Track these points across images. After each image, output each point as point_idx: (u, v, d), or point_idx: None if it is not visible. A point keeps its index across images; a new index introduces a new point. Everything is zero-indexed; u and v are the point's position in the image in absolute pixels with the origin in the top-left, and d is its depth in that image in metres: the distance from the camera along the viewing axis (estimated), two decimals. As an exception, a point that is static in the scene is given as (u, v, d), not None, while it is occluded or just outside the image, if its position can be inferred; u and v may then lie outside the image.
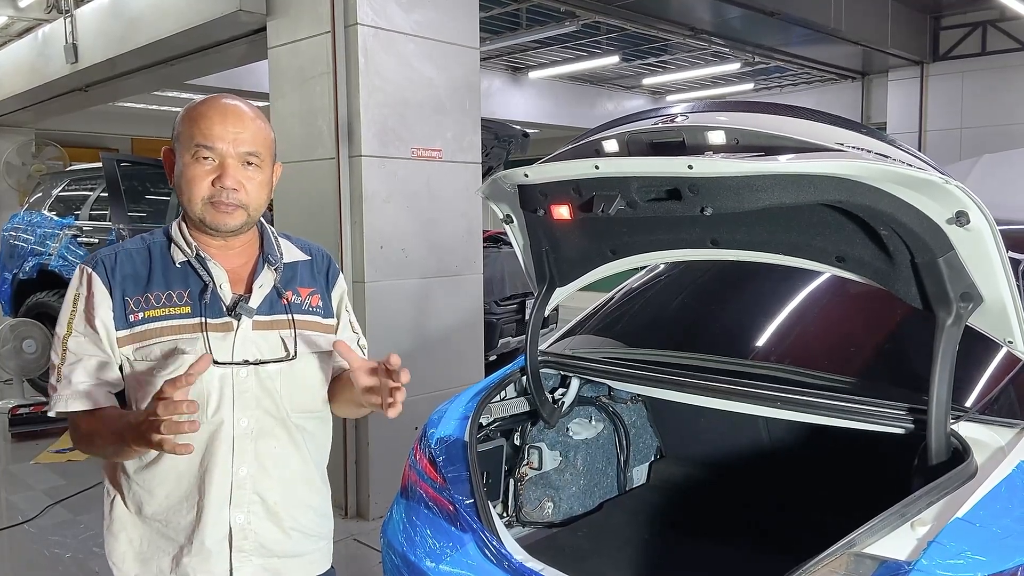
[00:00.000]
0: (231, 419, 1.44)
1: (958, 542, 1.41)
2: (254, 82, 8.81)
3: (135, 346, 1.41)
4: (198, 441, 1.39)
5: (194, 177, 1.42)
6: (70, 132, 12.27)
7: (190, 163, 1.42)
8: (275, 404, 1.48)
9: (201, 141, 1.41)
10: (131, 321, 1.41)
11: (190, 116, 1.44)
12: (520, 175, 1.90)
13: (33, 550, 3.69)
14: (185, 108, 1.47)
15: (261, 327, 1.47)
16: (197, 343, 1.41)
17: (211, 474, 1.43)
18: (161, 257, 1.47)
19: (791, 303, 2.54)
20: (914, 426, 1.73)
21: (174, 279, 1.45)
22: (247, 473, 1.45)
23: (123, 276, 1.44)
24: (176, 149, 1.45)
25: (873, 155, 1.52)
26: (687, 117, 1.78)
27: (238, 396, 1.44)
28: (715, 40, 8.87)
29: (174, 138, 1.46)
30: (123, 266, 1.45)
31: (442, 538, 2.00)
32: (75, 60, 6.50)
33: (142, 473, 1.45)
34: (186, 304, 1.43)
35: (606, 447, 2.77)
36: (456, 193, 4.26)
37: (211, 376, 1.41)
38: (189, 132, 1.42)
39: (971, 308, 1.62)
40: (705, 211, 1.63)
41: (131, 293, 1.43)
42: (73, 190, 6.86)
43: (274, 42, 4.25)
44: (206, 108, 1.44)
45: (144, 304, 1.42)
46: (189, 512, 1.44)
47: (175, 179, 1.46)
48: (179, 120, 1.46)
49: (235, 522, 1.45)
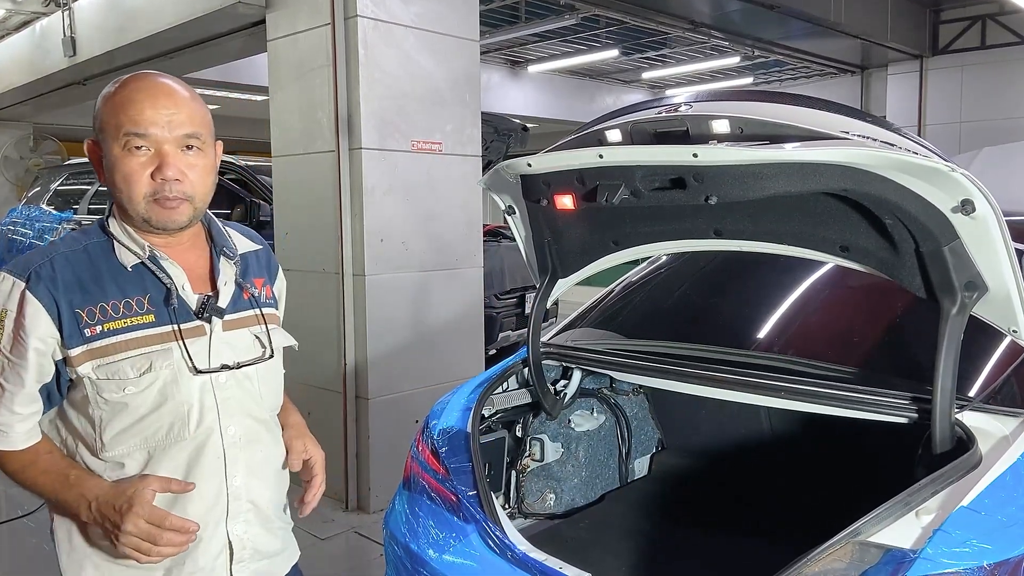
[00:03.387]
0: (218, 430, 1.33)
1: (963, 530, 1.41)
2: (252, 75, 8.79)
3: (96, 363, 1.25)
4: (179, 458, 1.31)
5: (130, 172, 1.25)
6: (68, 126, 12.21)
7: (122, 156, 1.25)
8: (258, 407, 1.40)
9: (131, 129, 1.24)
10: (87, 336, 1.24)
11: (114, 101, 1.26)
12: (523, 164, 1.90)
13: (32, 544, 3.68)
14: (105, 91, 1.28)
15: (231, 327, 1.37)
16: (172, 354, 1.29)
17: (201, 491, 1.31)
18: (106, 260, 1.30)
19: (792, 294, 2.53)
20: (918, 416, 1.72)
21: (128, 284, 1.29)
22: (241, 482, 1.37)
23: (66, 286, 1.25)
24: (101, 141, 1.27)
25: (878, 143, 1.52)
26: (691, 106, 1.77)
27: (222, 404, 1.33)
28: (715, 34, 8.86)
29: (98, 128, 1.27)
30: (63, 274, 1.25)
31: (445, 529, 1.99)
32: (73, 53, 6.48)
33: None
34: (148, 312, 1.28)
35: (608, 439, 2.77)
36: (456, 186, 4.25)
37: (190, 387, 1.30)
38: (115, 120, 1.24)
39: (976, 297, 1.62)
40: (710, 200, 1.62)
41: (80, 304, 1.25)
42: (71, 184, 6.85)
43: (273, 34, 4.23)
44: (131, 90, 1.26)
45: (101, 316, 1.25)
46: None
47: (106, 175, 1.28)
48: (100, 106, 1.27)
49: (234, 535, 1.37)
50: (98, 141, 1.29)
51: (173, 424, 1.30)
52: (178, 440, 1.30)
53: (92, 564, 1.33)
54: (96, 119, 1.28)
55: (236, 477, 1.36)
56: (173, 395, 1.29)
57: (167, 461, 1.30)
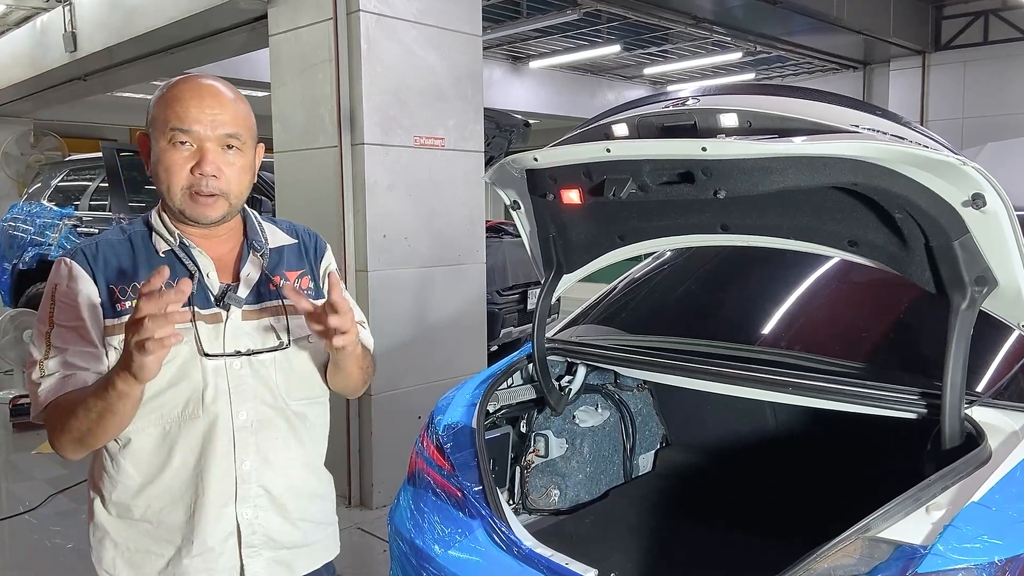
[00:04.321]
0: (228, 412, 1.38)
1: (974, 526, 1.40)
2: (254, 71, 8.77)
3: (121, 337, 1.29)
4: (193, 437, 1.37)
5: (172, 164, 1.34)
6: (68, 122, 12.22)
7: (166, 149, 1.34)
8: (272, 394, 1.44)
9: (177, 124, 1.33)
10: (118, 310, 1.35)
11: (164, 98, 1.36)
12: (529, 159, 1.89)
13: (34, 540, 3.68)
14: (159, 90, 1.40)
15: (251, 316, 1.42)
16: (189, 335, 1.35)
17: (209, 471, 1.37)
18: (144, 247, 1.41)
19: (798, 289, 2.52)
20: (927, 411, 1.72)
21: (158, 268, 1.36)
22: (251, 467, 1.41)
23: (105, 264, 1.37)
24: (151, 134, 1.37)
25: (889, 136, 1.51)
26: (698, 100, 1.76)
27: (234, 389, 1.39)
28: (717, 29, 8.84)
29: (149, 122, 1.38)
30: (105, 255, 1.38)
31: (450, 524, 1.99)
32: (74, 49, 6.46)
33: (127, 471, 1.37)
34: None
35: (612, 435, 2.77)
36: (458, 182, 4.24)
37: (204, 369, 1.37)
38: (164, 116, 1.35)
39: (986, 292, 1.61)
40: (718, 194, 1.61)
41: (116, 282, 1.36)
42: (72, 180, 6.84)
43: (275, 30, 4.22)
44: (181, 89, 1.36)
45: (132, 293, 1.35)
46: (184, 511, 1.38)
47: (151, 166, 1.38)
48: (153, 103, 1.38)
49: (243, 518, 1.41)
50: (148, 134, 1.39)
51: (188, 402, 1.37)
52: (192, 418, 1.37)
53: (111, 542, 1.42)
54: (148, 114, 1.38)
55: (245, 461, 1.40)
56: (189, 374, 1.36)
57: (181, 439, 1.37)
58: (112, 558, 1.41)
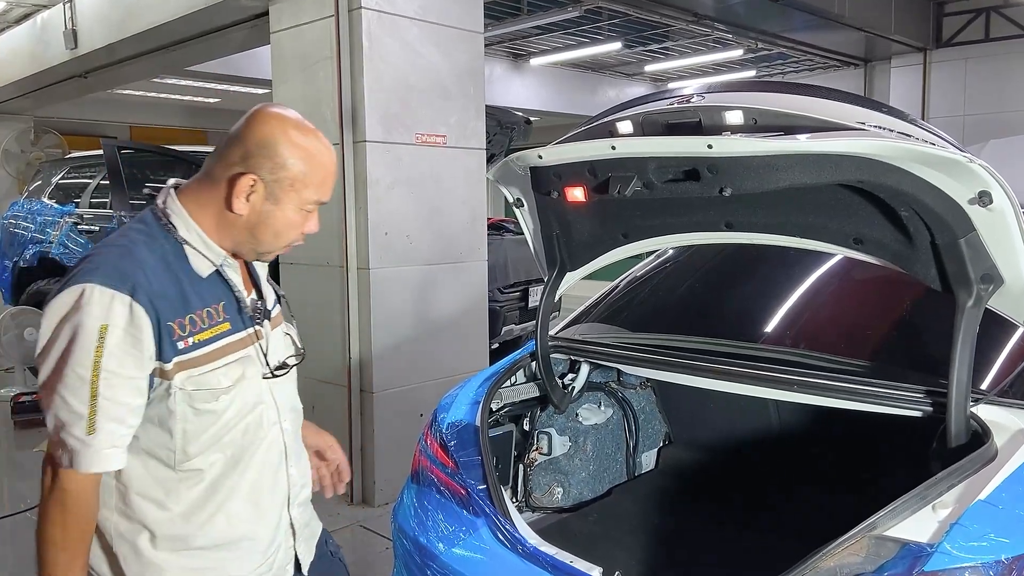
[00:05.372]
0: (279, 427, 1.42)
1: (981, 524, 1.40)
2: (254, 68, 8.76)
3: (188, 374, 1.25)
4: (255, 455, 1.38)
5: (293, 226, 1.32)
6: (69, 120, 12.20)
7: (296, 214, 1.30)
8: (297, 400, 1.51)
9: (321, 199, 1.32)
10: (180, 348, 1.24)
11: (309, 160, 1.28)
12: (534, 156, 1.88)
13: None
14: (301, 151, 1.27)
15: (274, 325, 1.45)
16: (253, 360, 1.35)
17: (268, 483, 1.41)
18: (181, 267, 1.28)
19: (802, 286, 2.52)
20: (932, 409, 1.71)
21: (206, 292, 1.30)
22: (295, 470, 1.48)
23: (159, 297, 1.23)
24: (271, 185, 1.26)
25: (895, 134, 1.50)
26: (703, 97, 1.75)
27: (279, 402, 1.42)
28: (718, 26, 8.81)
29: (270, 171, 1.26)
30: (155, 284, 1.23)
31: (454, 522, 1.99)
32: (74, 46, 6.45)
33: (189, 501, 1.32)
34: (225, 320, 1.31)
35: (615, 433, 2.76)
36: (460, 179, 4.23)
37: (261, 388, 1.37)
38: (303, 180, 1.28)
39: (992, 290, 1.61)
40: (724, 191, 1.61)
41: (171, 316, 1.23)
42: (73, 178, 6.82)
43: (276, 27, 4.21)
44: (326, 156, 1.32)
45: (191, 327, 1.25)
46: (248, 526, 1.38)
47: (256, 214, 1.28)
48: (287, 157, 1.26)
49: (295, 517, 1.48)
50: (259, 178, 1.26)
51: (249, 425, 1.36)
52: (254, 440, 1.37)
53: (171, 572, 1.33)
54: (279, 167, 1.26)
55: (292, 467, 1.46)
56: (252, 398, 1.36)
57: (243, 462, 1.36)
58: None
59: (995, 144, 3.75)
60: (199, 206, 1.29)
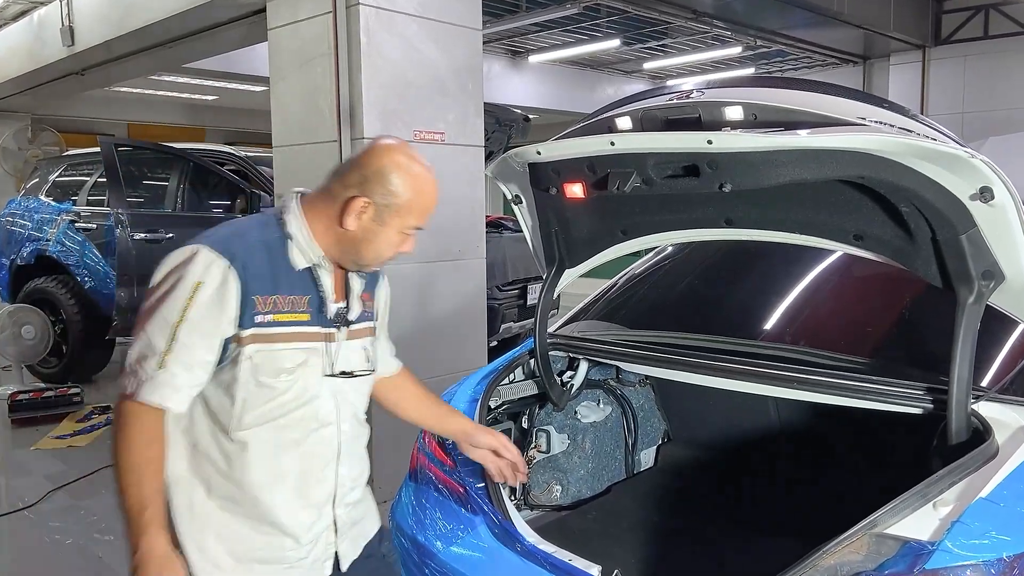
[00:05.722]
0: (336, 427, 1.51)
1: (982, 522, 1.39)
2: (252, 65, 8.74)
3: (258, 347, 1.38)
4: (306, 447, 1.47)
5: (391, 245, 1.46)
6: (66, 117, 12.18)
7: (397, 236, 1.45)
8: (361, 410, 1.60)
9: (420, 225, 1.46)
10: (257, 322, 1.38)
11: (416, 191, 1.43)
12: (533, 152, 1.87)
13: (34, 536, 3.66)
14: (411, 182, 1.43)
15: (352, 336, 1.53)
16: (318, 354, 1.46)
17: (316, 477, 1.49)
18: (281, 256, 1.43)
19: (801, 283, 2.51)
20: (933, 406, 1.70)
21: (296, 283, 1.44)
22: (346, 472, 1.55)
23: (252, 272, 1.38)
24: (381, 208, 1.42)
25: (896, 129, 1.49)
26: (703, 93, 1.74)
27: (341, 405, 1.51)
28: (717, 23, 8.81)
29: (382, 196, 1.41)
30: (253, 261, 1.39)
31: (452, 520, 1.98)
32: (71, 43, 6.43)
33: (241, 470, 1.43)
34: (306, 312, 1.44)
35: (614, 430, 2.76)
36: (459, 177, 4.22)
37: (323, 385, 1.47)
38: (408, 206, 1.43)
39: (993, 286, 1.60)
40: (724, 187, 1.60)
41: (258, 291, 1.38)
42: (70, 175, 6.80)
43: (274, 23, 4.20)
44: (431, 188, 1.46)
45: (272, 307, 1.39)
46: (288, 511, 1.47)
47: (363, 231, 1.43)
48: (399, 186, 1.41)
49: (338, 515, 1.56)
50: (370, 200, 1.41)
51: (304, 415, 1.46)
52: (306, 431, 1.47)
53: (214, 533, 1.45)
54: (380, 186, 1.41)
55: (343, 467, 1.54)
56: (312, 389, 1.46)
57: (293, 449, 1.45)
58: (216, 549, 1.45)
59: (994, 141, 3.74)
60: (314, 213, 1.45)
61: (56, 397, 5.56)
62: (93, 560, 3.39)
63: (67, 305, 6.12)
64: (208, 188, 6.08)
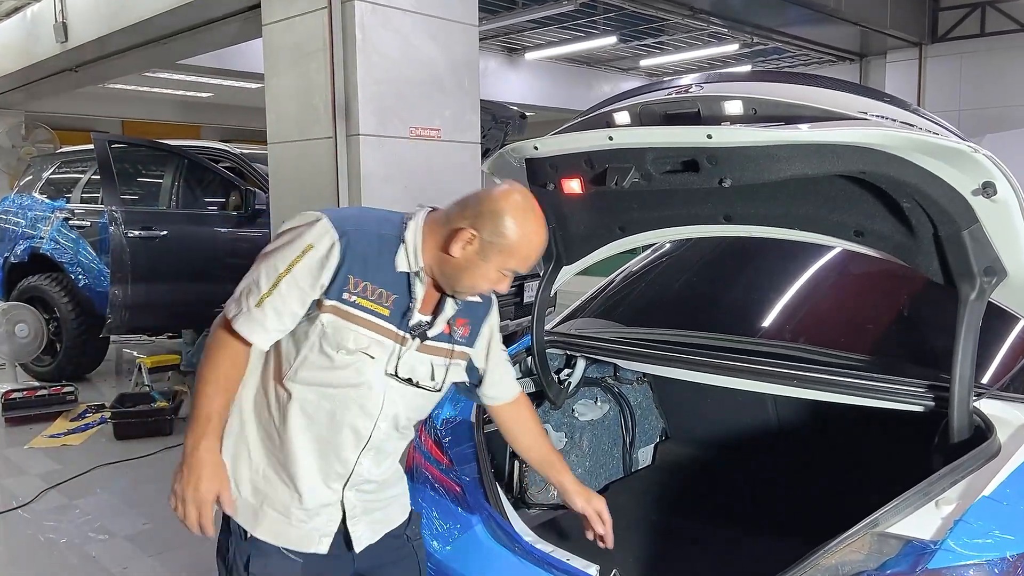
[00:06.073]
0: (374, 421, 1.56)
1: (985, 521, 1.37)
2: (247, 62, 8.70)
3: (333, 318, 1.49)
4: (339, 423, 1.54)
5: (486, 281, 1.52)
6: (60, 114, 12.13)
7: (495, 273, 1.51)
8: (407, 419, 1.63)
9: (518, 270, 1.52)
10: (343, 298, 1.49)
11: (525, 238, 1.49)
12: (530, 147, 1.85)
13: (28, 535, 3.64)
14: (521, 229, 1.48)
15: (424, 350, 1.58)
16: (385, 350, 1.52)
17: (336, 454, 1.56)
18: (388, 254, 1.52)
19: (800, 279, 2.49)
20: (934, 404, 1.69)
21: (390, 281, 1.52)
22: (367, 466, 1.60)
23: (355, 255, 1.48)
24: (485, 244, 1.48)
25: (897, 123, 1.48)
26: (702, 87, 1.72)
27: (387, 405, 1.56)
28: (713, 20, 8.80)
29: (490, 234, 1.47)
30: (361, 245, 1.49)
31: (449, 519, 1.96)
32: (65, 39, 6.39)
33: (282, 417, 1.54)
34: (387, 308, 1.52)
35: (611, 428, 2.74)
36: (455, 173, 4.20)
37: (376, 380, 1.53)
38: (512, 250, 1.48)
39: (995, 282, 1.58)
40: (724, 182, 1.58)
41: (353, 271, 1.48)
42: (64, 172, 6.76)
43: (268, 19, 4.17)
44: (539, 240, 1.51)
45: (360, 290, 1.49)
46: (305, 470, 1.55)
47: (464, 261, 1.49)
48: (509, 229, 1.47)
49: (347, 498, 1.61)
50: (480, 237, 1.49)
51: (350, 397, 1.54)
52: (345, 413, 1.54)
53: (247, 460, 1.58)
54: (499, 234, 1.48)
55: (365, 459, 1.59)
56: (366, 377, 1.53)
57: (326, 418, 1.54)
58: (246, 476, 1.57)
59: (991, 139, 3.74)
60: (431, 231, 1.54)
61: (50, 395, 5.52)
62: (87, 560, 3.37)
63: (61, 303, 6.08)
64: (203, 185, 6.05)
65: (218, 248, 5.79)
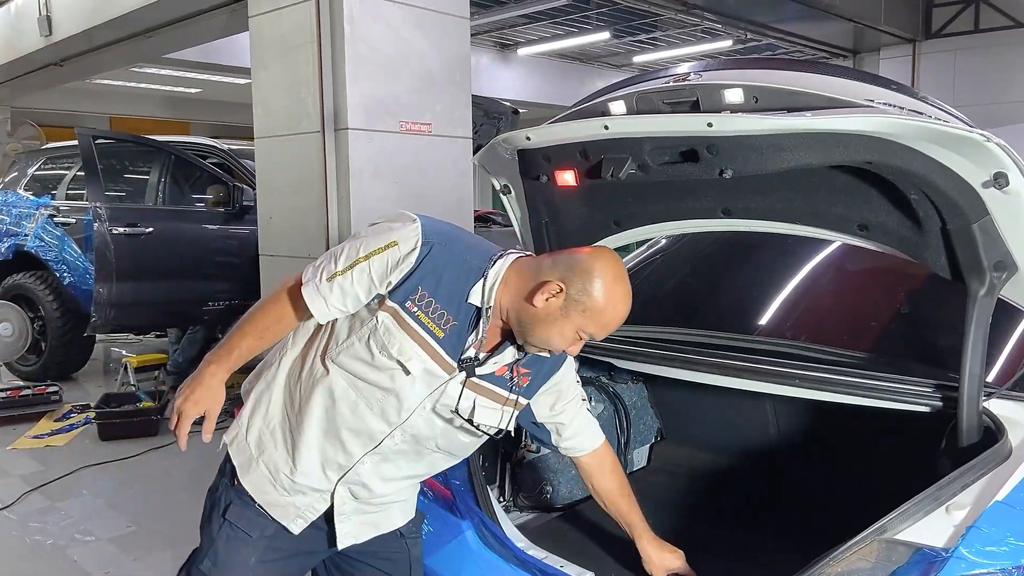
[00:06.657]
0: (388, 432, 1.57)
1: (999, 527, 1.31)
2: (234, 56, 8.61)
3: (389, 319, 1.51)
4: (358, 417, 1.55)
5: (561, 339, 1.52)
6: (46, 110, 12.00)
7: (571, 331, 1.51)
8: (427, 446, 1.62)
9: (594, 335, 1.52)
10: (406, 306, 1.51)
11: (610, 305, 1.49)
12: (522, 138, 1.78)
13: (13, 537, 3.56)
14: (609, 295, 1.49)
15: (473, 387, 1.57)
16: (428, 369, 1.52)
17: (342, 446, 1.57)
18: (465, 281, 1.54)
19: (800, 275, 2.44)
20: (941, 404, 1.63)
21: (456, 306, 1.53)
22: (367, 470, 1.60)
23: (432, 269, 1.50)
24: (570, 300, 1.48)
25: (906, 111, 1.41)
26: (700, 75, 1.66)
27: (409, 424, 1.56)
28: (707, 16, 8.77)
29: (577, 291, 1.48)
30: (441, 261, 1.51)
31: (439, 525, 1.90)
32: (49, 33, 6.30)
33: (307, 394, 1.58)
34: (443, 331, 1.53)
35: (606, 429, 2.65)
36: (446, 169, 4.14)
37: (408, 393, 1.53)
38: (594, 312, 1.48)
39: (1005, 278, 1.53)
40: (724, 173, 1.52)
41: (423, 284, 1.51)
42: (49, 169, 6.67)
43: (255, 10, 4.09)
44: (622, 310, 1.52)
45: (424, 304, 1.51)
46: (306, 447, 1.58)
47: (544, 313, 1.50)
48: (598, 291, 1.48)
49: (337, 492, 1.61)
50: (567, 292, 1.49)
51: (375, 396, 1.55)
52: (367, 407, 1.56)
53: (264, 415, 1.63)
54: (586, 293, 1.49)
55: (365, 464, 1.59)
56: (396, 384, 1.54)
57: (348, 407, 1.56)
58: (257, 425, 1.63)
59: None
60: (517, 275, 1.55)
61: (34, 395, 5.42)
62: (70, 563, 3.29)
63: (46, 301, 5.99)
64: (190, 181, 5.96)
65: (205, 245, 5.70)
